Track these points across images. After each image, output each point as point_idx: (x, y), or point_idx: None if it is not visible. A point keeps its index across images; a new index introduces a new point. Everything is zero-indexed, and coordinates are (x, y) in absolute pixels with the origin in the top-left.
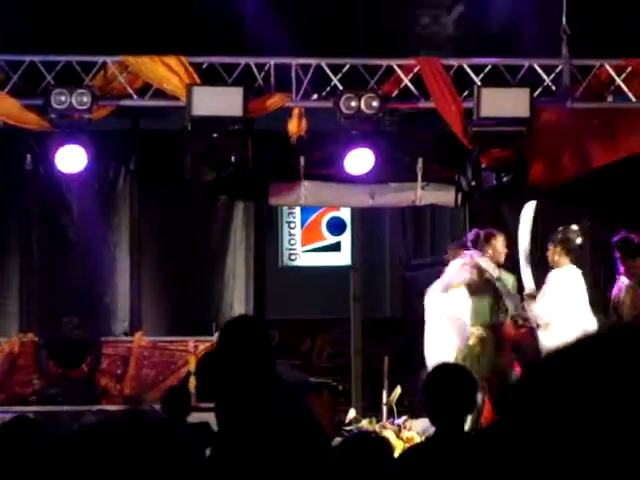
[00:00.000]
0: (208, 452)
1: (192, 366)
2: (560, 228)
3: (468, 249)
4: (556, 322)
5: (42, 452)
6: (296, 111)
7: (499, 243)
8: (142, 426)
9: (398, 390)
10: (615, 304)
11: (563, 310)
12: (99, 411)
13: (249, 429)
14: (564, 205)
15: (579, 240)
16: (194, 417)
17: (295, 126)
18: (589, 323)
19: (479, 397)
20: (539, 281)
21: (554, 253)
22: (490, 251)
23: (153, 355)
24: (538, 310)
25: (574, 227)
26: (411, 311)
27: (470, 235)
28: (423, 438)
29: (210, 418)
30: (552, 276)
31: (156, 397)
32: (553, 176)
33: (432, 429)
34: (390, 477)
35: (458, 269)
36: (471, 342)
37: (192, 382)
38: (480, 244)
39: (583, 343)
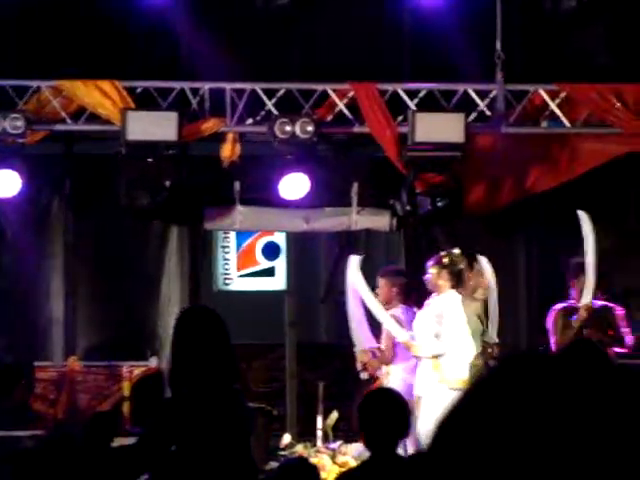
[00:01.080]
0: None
1: (126, 391)
2: (443, 252)
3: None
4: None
5: None
6: (230, 136)
7: None
8: (58, 453)
9: (335, 414)
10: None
11: (448, 335)
12: (33, 436)
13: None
14: (500, 231)
15: (462, 265)
16: (127, 442)
17: (228, 151)
18: (469, 348)
19: None
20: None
21: (438, 277)
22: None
23: (87, 380)
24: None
25: (457, 251)
26: (346, 336)
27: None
28: (358, 462)
29: None
30: (435, 301)
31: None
32: (490, 202)
33: (367, 453)
34: None
35: None
36: None
37: (126, 407)
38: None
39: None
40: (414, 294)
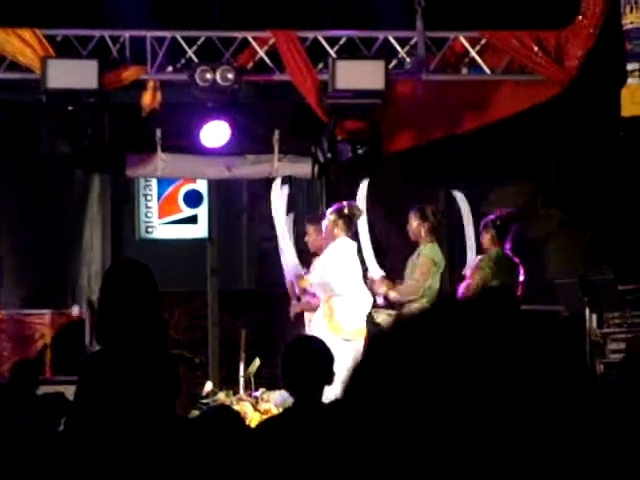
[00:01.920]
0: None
1: (48, 339)
2: (345, 203)
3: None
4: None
5: None
6: (151, 84)
7: None
8: None
9: (257, 362)
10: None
11: (342, 284)
12: None
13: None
14: (419, 178)
15: (360, 218)
16: (49, 390)
17: (149, 99)
18: (365, 298)
19: None
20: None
21: (334, 225)
22: None
23: (9, 328)
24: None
25: (360, 204)
26: (269, 284)
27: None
28: (280, 410)
29: (64, 390)
30: (329, 249)
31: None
32: (410, 141)
33: (290, 401)
34: (247, 448)
35: None
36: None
37: (48, 355)
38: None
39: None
40: None
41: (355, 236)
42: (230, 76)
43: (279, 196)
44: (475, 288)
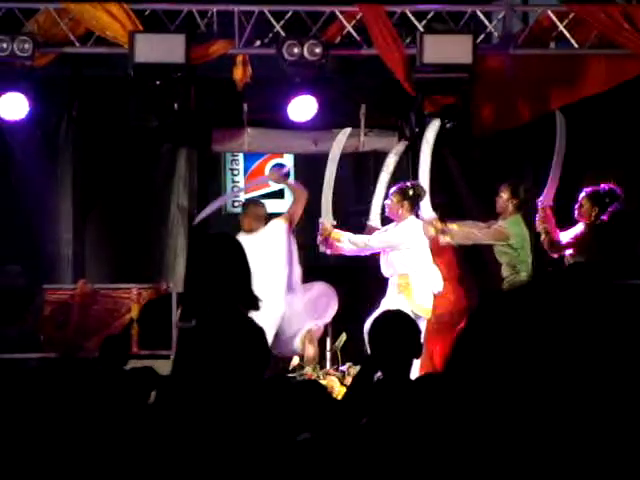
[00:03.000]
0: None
1: (135, 313)
2: (409, 184)
3: None
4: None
5: None
6: (240, 58)
7: None
8: (71, 374)
9: (344, 337)
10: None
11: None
12: (41, 359)
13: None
14: (506, 154)
15: (424, 197)
16: (135, 364)
17: (240, 73)
18: (435, 278)
19: None
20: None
21: (399, 206)
22: None
23: (96, 303)
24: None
25: (423, 184)
26: (355, 257)
27: None
28: None
29: (151, 365)
30: (397, 229)
31: (98, 345)
32: (499, 123)
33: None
34: (334, 422)
35: None
36: None
37: (134, 329)
38: None
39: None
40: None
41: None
42: (317, 50)
43: (339, 143)
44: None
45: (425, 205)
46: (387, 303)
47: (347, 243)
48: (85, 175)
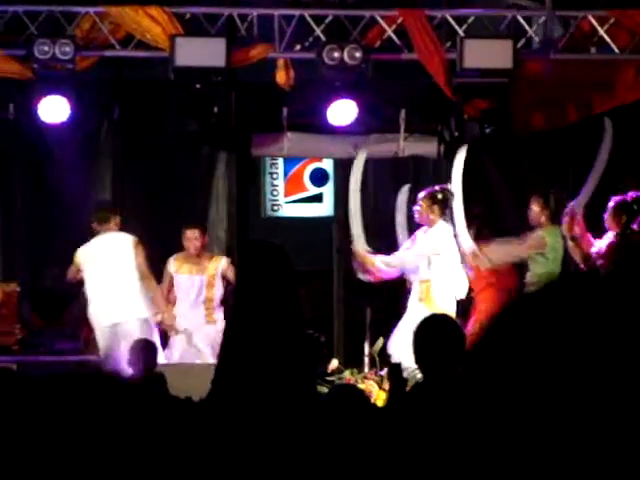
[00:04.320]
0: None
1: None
2: (437, 188)
3: None
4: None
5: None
6: (282, 62)
7: None
8: (109, 382)
9: (381, 341)
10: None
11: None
12: (81, 362)
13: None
14: (547, 158)
15: (453, 201)
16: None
17: (283, 76)
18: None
19: None
20: None
21: (429, 211)
22: None
23: None
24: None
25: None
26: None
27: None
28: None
29: (177, 369)
30: (428, 235)
31: None
32: (541, 124)
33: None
34: (374, 426)
35: None
36: None
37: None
38: None
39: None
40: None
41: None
42: (358, 55)
43: (358, 169)
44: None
45: (464, 236)
46: (408, 313)
47: (383, 266)
48: (125, 178)
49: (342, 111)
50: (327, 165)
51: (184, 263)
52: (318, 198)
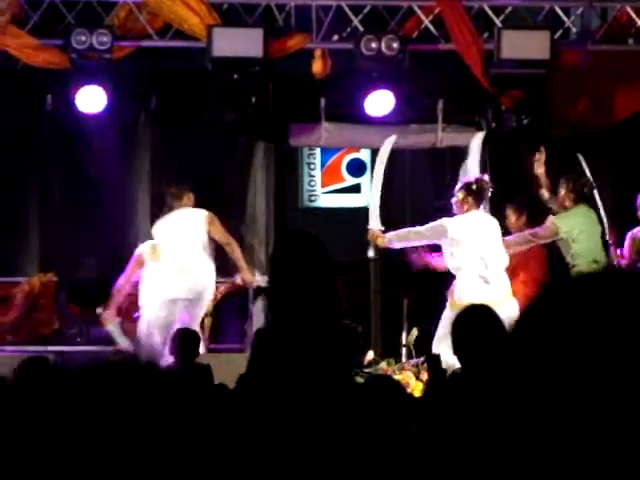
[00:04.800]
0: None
1: (211, 307)
2: (473, 179)
3: None
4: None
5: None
6: (319, 52)
7: None
8: (139, 371)
9: (415, 332)
10: None
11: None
12: (117, 351)
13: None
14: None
15: (489, 191)
16: (207, 358)
17: (320, 66)
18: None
19: None
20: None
21: (464, 202)
22: None
23: None
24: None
25: (486, 177)
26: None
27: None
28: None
29: (223, 358)
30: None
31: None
32: (580, 121)
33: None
34: (411, 415)
35: None
36: None
37: (207, 323)
38: None
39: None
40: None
41: None
42: (395, 45)
43: (386, 150)
44: None
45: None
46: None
47: (395, 241)
48: (163, 168)
49: (379, 101)
50: (364, 156)
51: None
52: (355, 189)
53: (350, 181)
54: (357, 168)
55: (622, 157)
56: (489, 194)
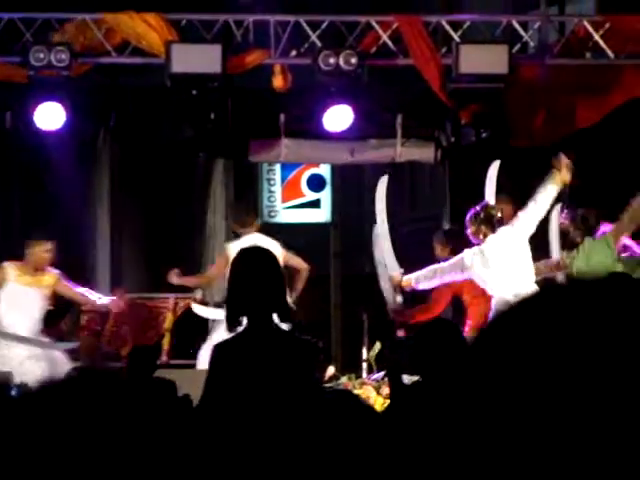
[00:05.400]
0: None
1: (169, 324)
2: (478, 208)
3: None
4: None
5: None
6: (278, 67)
7: None
8: (91, 386)
9: (377, 346)
10: None
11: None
12: (77, 368)
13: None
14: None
15: (498, 213)
16: (165, 374)
17: (281, 81)
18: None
19: None
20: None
21: (479, 232)
22: None
23: (132, 312)
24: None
25: (491, 202)
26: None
27: None
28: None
29: (184, 375)
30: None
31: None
32: (536, 135)
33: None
34: (373, 430)
35: None
36: None
37: (166, 339)
38: None
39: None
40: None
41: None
42: (353, 60)
43: (381, 195)
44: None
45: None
46: None
47: (422, 281)
48: (122, 184)
49: (338, 117)
50: (324, 171)
51: None
52: (315, 204)
53: (310, 196)
54: (317, 183)
55: (581, 168)
56: (499, 215)
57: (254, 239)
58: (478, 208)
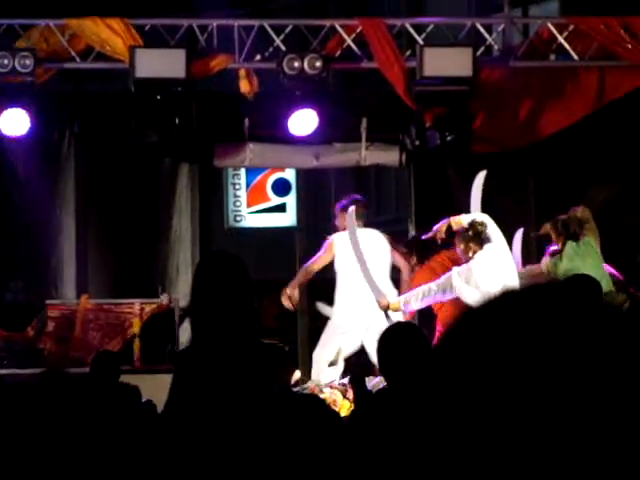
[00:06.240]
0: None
1: (137, 328)
2: (465, 225)
3: None
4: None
5: None
6: (243, 71)
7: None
8: (55, 389)
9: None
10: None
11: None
12: (41, 373)
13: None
14: (508, 172)
15: (485, 229)
16: (137, 379)
17: (247, 86)
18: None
19: None
20: None
21: (468, 249)
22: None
23: (98, 318)
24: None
25: (478, 218)
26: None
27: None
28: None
29: (152, 380)
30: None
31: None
32: (500, 140)
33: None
34: (338, 433)
35: None
36: None
37: (136, 344)
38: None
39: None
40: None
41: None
42: (318, 64)
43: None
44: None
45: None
46: None
47: (413, 302)
48: (87, 190)
49: (303, 121)
50: (289, 175)
51: None
52: (281, 208)
53: (275, 200)
54: (282, 187)
55: (547, 173)
56: (487, 229)
57: (363, 232)
58: (465, 225)
